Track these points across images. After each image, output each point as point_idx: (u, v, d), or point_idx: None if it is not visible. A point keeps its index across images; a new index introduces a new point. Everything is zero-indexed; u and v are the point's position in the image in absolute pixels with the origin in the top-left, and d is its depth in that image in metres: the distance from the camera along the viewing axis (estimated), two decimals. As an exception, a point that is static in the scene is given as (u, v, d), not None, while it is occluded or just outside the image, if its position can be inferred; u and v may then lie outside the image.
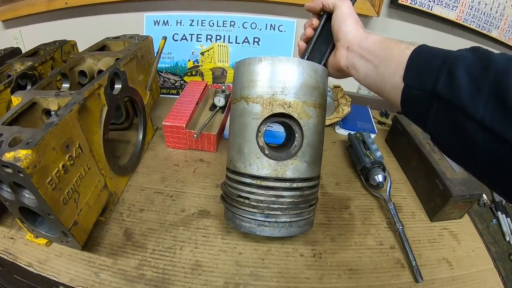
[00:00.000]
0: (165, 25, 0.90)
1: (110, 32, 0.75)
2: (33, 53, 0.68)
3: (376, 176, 0.63)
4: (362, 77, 0.39)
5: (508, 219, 0.67)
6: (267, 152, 0.43)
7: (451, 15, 0.90)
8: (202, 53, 0.92)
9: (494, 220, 0.68)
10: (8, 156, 0.33)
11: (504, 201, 0.71)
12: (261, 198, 0.43)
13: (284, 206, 0.43)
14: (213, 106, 0.84)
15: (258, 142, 0.43)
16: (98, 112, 0.50)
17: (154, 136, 0.77)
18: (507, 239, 0.63)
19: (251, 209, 0.43)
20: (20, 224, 0.47)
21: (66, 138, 0.40)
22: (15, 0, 0.98)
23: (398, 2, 0.86)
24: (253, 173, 0.43)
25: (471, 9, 0.90)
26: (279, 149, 0.45)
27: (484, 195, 0.72)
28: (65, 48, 0.70)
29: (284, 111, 0.42)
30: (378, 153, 0.67)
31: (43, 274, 0.47)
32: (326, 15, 0.46)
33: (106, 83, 0.51)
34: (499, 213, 0.68)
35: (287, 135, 0.49)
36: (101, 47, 0.69)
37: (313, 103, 0.43)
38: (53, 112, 0.40)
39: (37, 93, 0.45)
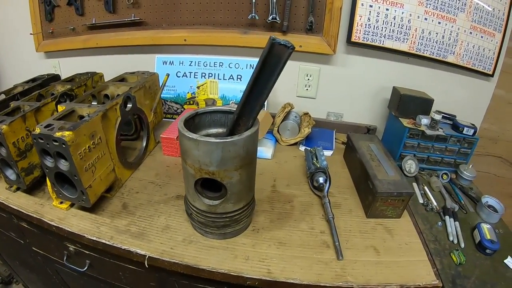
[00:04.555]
0: (171, 64, 1.23)
1: (129, 68, 1.06)
2: (70, 79, 1.00)
3: (318, 178, 0.84)
4: None
5: (457, 222, 0.77)
6: (203, 197, 0.63)
7: (403, 47, 0.99)
8: (198, 87, 1.23)
9: (440, 222, 0.76)
10: (58, 134, 0.60)
11: (456, 208, 0.82)
12: (203, 220, 0.66)
13: (219, 225, 0.66)
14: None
15: (197, 190, 0.62)
16: (114, 120, 0.78)
17: (155, 147, 1.05)
18: (451, 238, 0.72)
19: (198, 223, 0.67)
20: (50, 191, 0.73)
21: (92, 130, 0.67)
22: (57, 37, 1.34)
23: (352, 40, 1.00)
24: (196, 206, 0.65)
25: (422, 39, 0.98)
26: (214, 191, 0.63)
27: (434, 201, 0.85)
28: (95, 78, 1.02)
29: (209, 177, 0.57)
30: (324, 163, 0.89)
31: (60, 226, 0.71)
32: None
33: (121, 102, 0.80)
34: (447, 217, 0.78)
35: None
36: (121, 79, 0.99)
37: (233, 167, 0.57)
38: (86, 115, 0.68)
39: (75, 104, 0.74)
